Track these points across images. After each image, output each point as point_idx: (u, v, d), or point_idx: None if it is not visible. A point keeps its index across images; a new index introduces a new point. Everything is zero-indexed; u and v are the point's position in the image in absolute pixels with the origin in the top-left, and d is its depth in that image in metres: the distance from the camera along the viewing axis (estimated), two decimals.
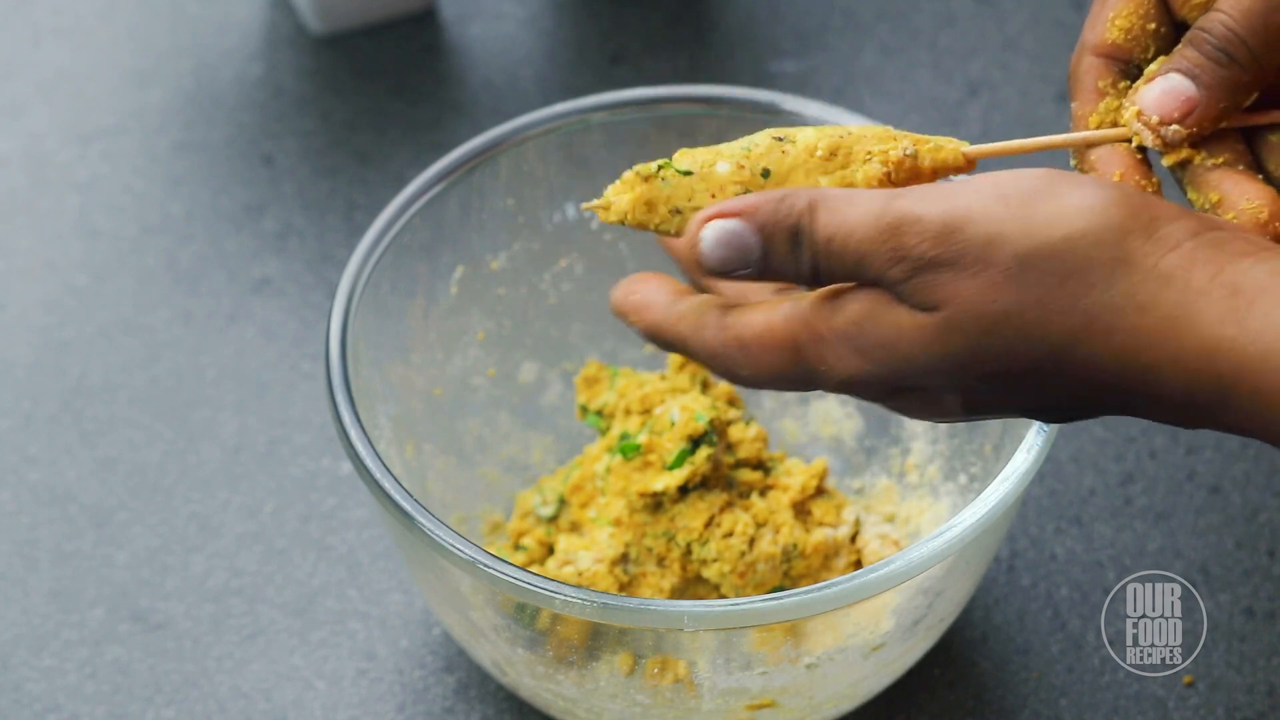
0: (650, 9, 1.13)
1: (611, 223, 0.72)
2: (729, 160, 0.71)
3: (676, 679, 0.81)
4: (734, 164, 0.71)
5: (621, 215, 0.71)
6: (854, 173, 0.71)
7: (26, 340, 1.01)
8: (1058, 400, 0.66)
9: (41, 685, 0.89)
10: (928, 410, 0.68)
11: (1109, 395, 0.65)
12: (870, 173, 0.71)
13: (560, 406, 0.94)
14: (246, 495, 0.95)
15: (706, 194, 0.71)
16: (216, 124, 1.09)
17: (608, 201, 0.72)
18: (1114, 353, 0.64)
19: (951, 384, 0.66)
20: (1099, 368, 0.64)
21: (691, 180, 0.71)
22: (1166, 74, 0.70)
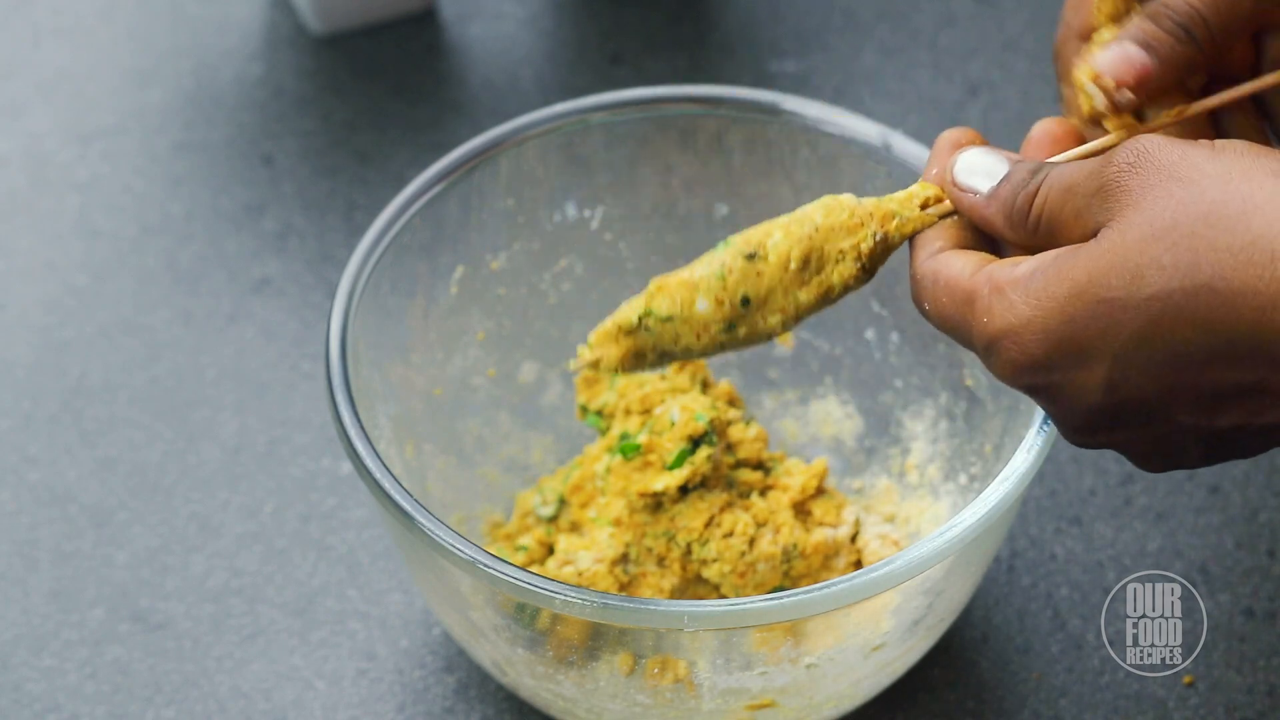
0: (650, 9, 1.13)
1: (601, 376, 0.74)
2: (707, 297, 0.73)
3: (676, 679, 0.81)
4: (712, 300, 0.73)
5: (611, 369, 0.74)
6: (829, 277, 0.72)
7: (26, 340, 1.01)
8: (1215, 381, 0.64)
9: (41, 685, 0.89)
10: (1066, 391, 0.66)
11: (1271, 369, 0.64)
12: (845, 271, 0.73)
13: (560, 406, 0.94)
14: (246, 495, 0.95)
15: (691, 334, 0.73)
16: (216, 124, 1.09)
17: (595, 358, 0.74)
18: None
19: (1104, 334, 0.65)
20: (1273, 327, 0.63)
21: (674, 325, 0.73)
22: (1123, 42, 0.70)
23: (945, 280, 0.69)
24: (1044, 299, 0.66)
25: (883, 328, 0.92)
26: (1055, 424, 0.69)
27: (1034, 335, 0.66)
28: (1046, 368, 0.66)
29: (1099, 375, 0.66)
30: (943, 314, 0.69)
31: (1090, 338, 0.65)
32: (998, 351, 0.67)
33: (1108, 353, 0.65)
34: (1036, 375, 0.67)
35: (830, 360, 0.94)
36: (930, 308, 0.70)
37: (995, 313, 0.67)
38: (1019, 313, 0.66)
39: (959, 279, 0.69)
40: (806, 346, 0.94)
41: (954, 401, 0.90)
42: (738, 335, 0.73)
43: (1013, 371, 0.67)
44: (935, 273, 0.70)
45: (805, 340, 0.94)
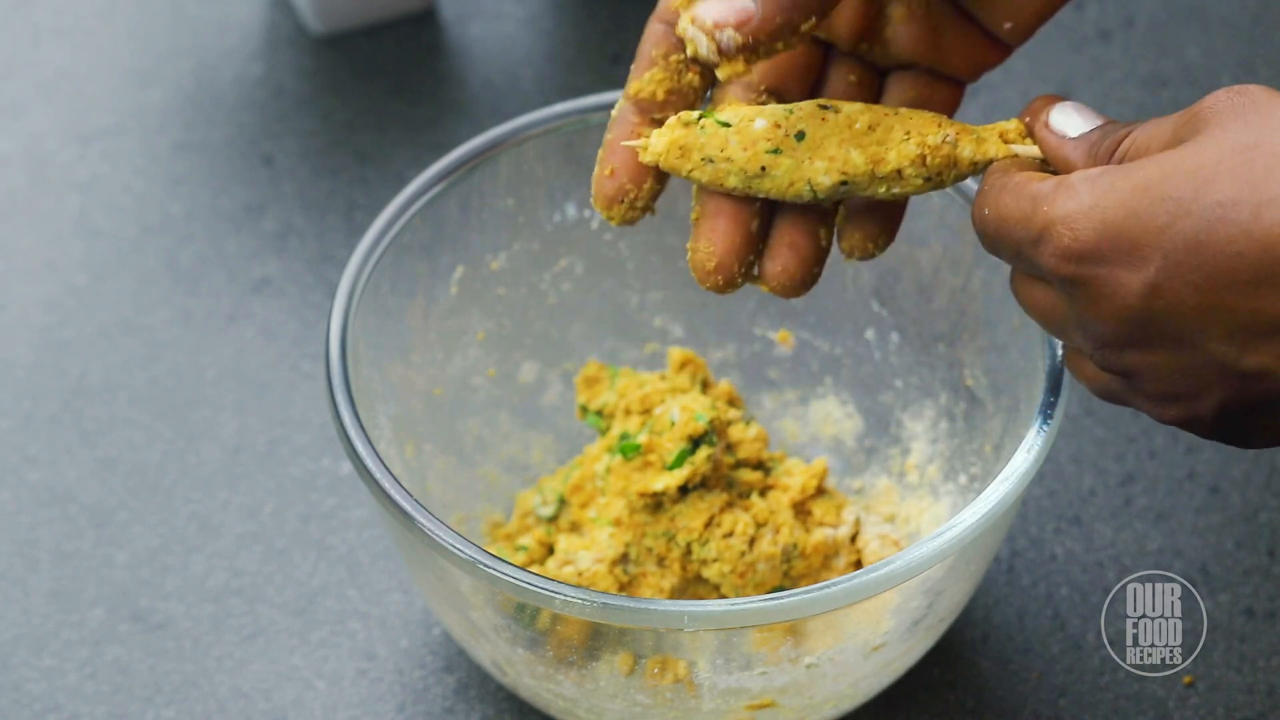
0: (650, 9, 1.12)
1: (646, 162, 0.73)
2: (768, 119, 0.72)
3: (676, 679, 0.81)
4: (771, 123, 0.72)
5: (657, 156, 0.73)
6: (888, 150, 0.71)
7: (26, 340, 1.01)
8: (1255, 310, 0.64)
9: (41, 685, 0.89)
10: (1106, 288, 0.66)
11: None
12: (905, 152, 0.72)
13: (560, 406, 0.94)
14: (246, 495, 0.95)
15: (739, 148, 0.72)
16: (216, 124, 1.09)
17: (646, 142, 0.72)
18: None
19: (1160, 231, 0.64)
20: None
21: (727, 133, 0.72)
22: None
23: (1015, 184, 0.68)
24: (1109, 190, 0.65)
25: (883, 328, 0.92)
26: (1082, 335, 0.68)
27: (1090, 222, 0.65)
28: (1094, 258, 0.66)
29: (1144, 275, 0.65)
30: (1002, 214, 0.68)
31: (1146, 232, 0.64)
32: (1050, 237, 0.66)
33: (1159, 251, 0.64)
34: (1083, 265, 0.66)
35: (830, 360, 0.94)
36: (991, 212, 0.69)
37: (1057, 201, 0.66)
38: (1080, 200, 0.66)
39: (1029, 183, 0.68)
40: (806, 346, 0.94)
41: (954, 401, 0.90)
42: (780, 166, 0.72)
43: (1060, 257, 0.66)
44: (1004, 181, 0.69)
45: (805, 340, 0.94)
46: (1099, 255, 0.65)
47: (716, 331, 0.95)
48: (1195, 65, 1.10)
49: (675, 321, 0.95)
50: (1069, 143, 0.70)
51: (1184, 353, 0.66)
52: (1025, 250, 0.68)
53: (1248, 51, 1.11)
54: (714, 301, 0.94)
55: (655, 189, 0.75)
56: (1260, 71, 1.10)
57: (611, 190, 0.74)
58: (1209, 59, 1.10)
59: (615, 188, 0.74)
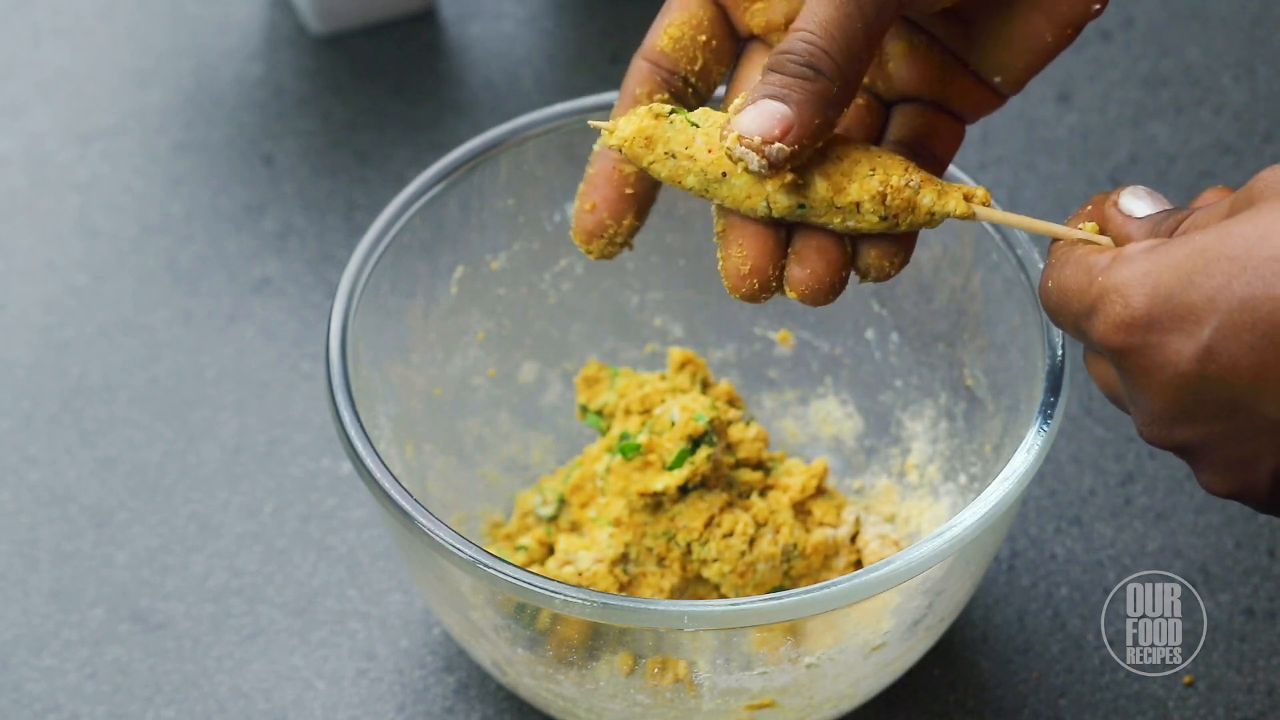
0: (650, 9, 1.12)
1: (610, 145, 0.73)
2: None
3: (676, 679, 0.81)
4: None
5: (622, 141, 0.72)
6: (851, 181, 0.71)
7: (26, 340, 1.01)
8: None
9: (41, 685, 0.89)
10: (1158, 357, 0.65)
11: None
12: (867, 187, 0.71)
13: (560, 406, 0.94)
14: (246, 495, 0.95)
15: (704, 149, 0.72)
16: (216, 124, 1.09)
17: (614, 125, 0.72)
18: None
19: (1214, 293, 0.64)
20: None
21: (695, 132, 0.72)
22: (756, 101, 0.69)
23: (1076, 256, 0.69)
24: (1163, 255, 0.65)
25: (883, 328, 0.92)
26: (1134, 409, 0.68)
27: (1143, 289, 0.65)
28: (1145, 325, 0.65)
29: (1198, 340, 0.64)
30: (1063, 286, 0.68)
31: (1199, 296, 0.64)
32: (1103, 308, 0.66)
33: (1213, 313, 0.64)
34: (1134, 334, 0.66)
35: (830, 360, 0.94)
36: (1053, 284, 0.69)
37: (1111, 271, 0.66)
38: (1134, 267, 0.66)
39: (1092, 260, 0.68)
40: (806, 346, 0.94)
41: (954, 401, 0.90)
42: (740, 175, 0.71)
43: (1112, 328, 0.66)
44: (1068, 252, 0.70)
45: (805, 340, 0.94)
46: (1150, 323, 0.65)
47: (716, 331, 0.95)
48: (1195, 65, 1.10)
49: (675, 321, 0.95)
50: (1133, 222, 0.70)
51: (1238, 419, 0.66)
52: (1081, 324, 0.68)
53: (1248, 51, 1.11)
54: (714, 301, 0.94)
55: (634, 225, 0.75)
56: (1260, 71, 1.10)
57: (591, 225, 0.75)
58: (1209, 59, 1.10)
59: (595, 222, 0.75)
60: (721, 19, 0.74)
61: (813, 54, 0.69)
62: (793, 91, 0.69)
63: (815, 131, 0.69)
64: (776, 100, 0.69)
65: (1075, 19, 0.73)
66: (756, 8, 0.74)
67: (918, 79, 0.74)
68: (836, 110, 0.70)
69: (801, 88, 0.69)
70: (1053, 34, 0.73)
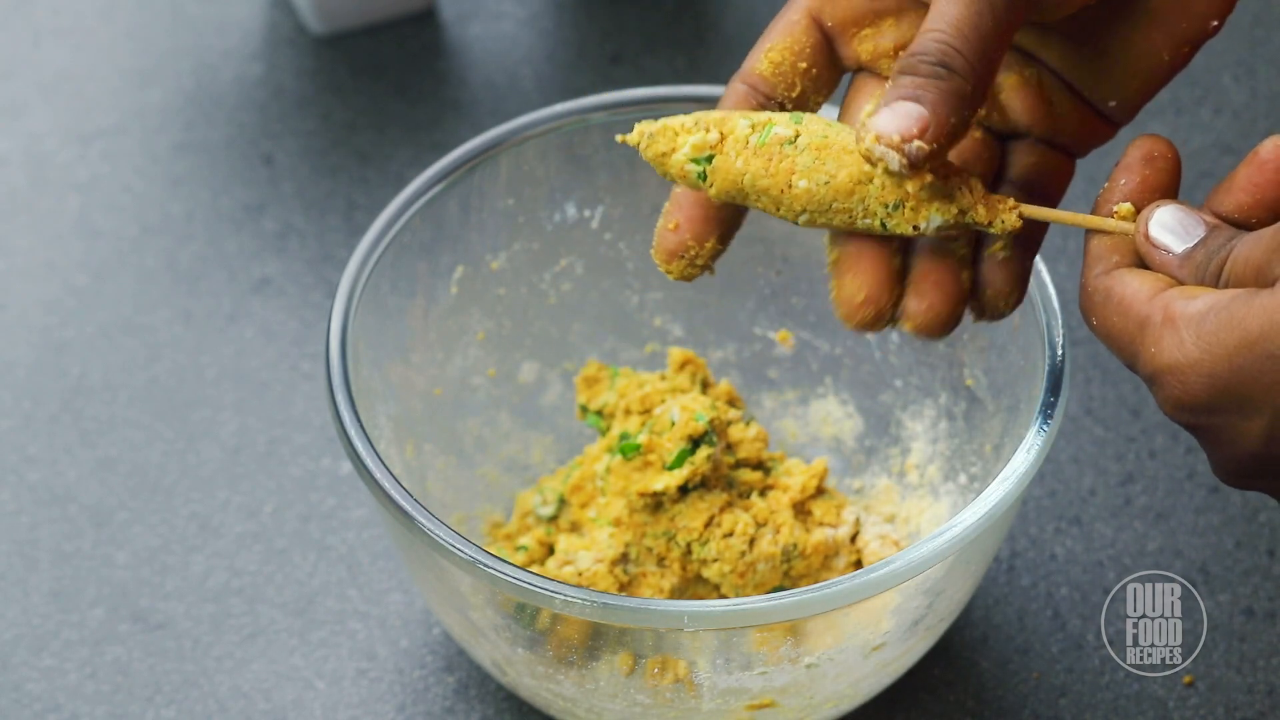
0: (650, 9, 1.13)
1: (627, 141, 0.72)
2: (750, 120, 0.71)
3: (676, 679, 0.81)
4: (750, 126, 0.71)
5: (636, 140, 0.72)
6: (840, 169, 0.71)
7: (26, 340, 1.01)
8: None
9: (41, 685, 0.89)
10: (1225, 435, 0.67)
11: None
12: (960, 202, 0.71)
13: (560, 406, 0.94)
14: (246, 495, 0.95)
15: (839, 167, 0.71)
16: (216, 124, 1.09)
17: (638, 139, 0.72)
18: None
19: (1269, 388, 0.65)
20: None
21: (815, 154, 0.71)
22: (890, 103, 0.69)
23: (1119, 299, 0.69)
24: (1214, 344, 0.65)
25: None
26: (1210, 462, 0.69)
27: (1199, 378, 0.66)
28: (1208, 410, 0.66)
29: (1260, 425, 0.66)
30: (1111, 333, 0.69)
31: (1255, 390, 0.65)
32: (1161, 385, 0.67)
33: (1269, 406, 0.65)
34: (1197, 415, 0.67)
35: (830, 360, 0.94)
36: (1098, 324, 0.69)
37: (1164, 346, 0.67)
38: (1187, 352, 0.66)
39: (1134, 301, 0.68)
40: (806, 346, 0.94)
41: (954, 401, 0.90)
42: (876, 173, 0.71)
43: (1174, 408, 0.67)
44: (1109, 290, 0.69)
45: (805, 340, 0.94)
46: (1211, 408, 0.66)
47: (716, 331, 0.95)
48: (1195, 65, 1.10)
49: (675, 321, 0.95)
50: (1174, 261, 0.69)
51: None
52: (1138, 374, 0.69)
53: (1248, 51, 1.11)
54: (714, 301, 0.94)
55: (717, 249, 0.74)
56: (1260, 72, 1.10)
57: (673, 244, 0.74)
58: (1209, 59, 1.10)
59: (677, 242, 0.73)
60: (824, 47, 0.73)
61: (945, 52, 0.68)
62: (927, 91, 0.68)
63: (951, 131, 0.68)
64: (911, 101, 0.68)
65: (1193, 37, 0.72)
66: (865, 34, 0.73)
67: (1030, 112, 0.73)
68: (971, 109, 0.69)
69: (936, 87, 0.68)
70: (1170, 53, 0.72)
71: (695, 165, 0.71)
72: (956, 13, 0.68)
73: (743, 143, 0.71)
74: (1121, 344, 0.69)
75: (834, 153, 0.70)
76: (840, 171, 0.70)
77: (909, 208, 0.70)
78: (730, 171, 0.71)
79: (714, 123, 0.71)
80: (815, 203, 0.70)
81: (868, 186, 0.70)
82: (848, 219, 0.71)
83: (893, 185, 0.70)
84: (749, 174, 0.71)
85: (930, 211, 0.70)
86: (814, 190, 0.70)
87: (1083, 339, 0.99)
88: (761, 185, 0.71)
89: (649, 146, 0.72)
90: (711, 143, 0.71)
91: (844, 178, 0.70)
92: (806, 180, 0.70)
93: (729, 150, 0.71)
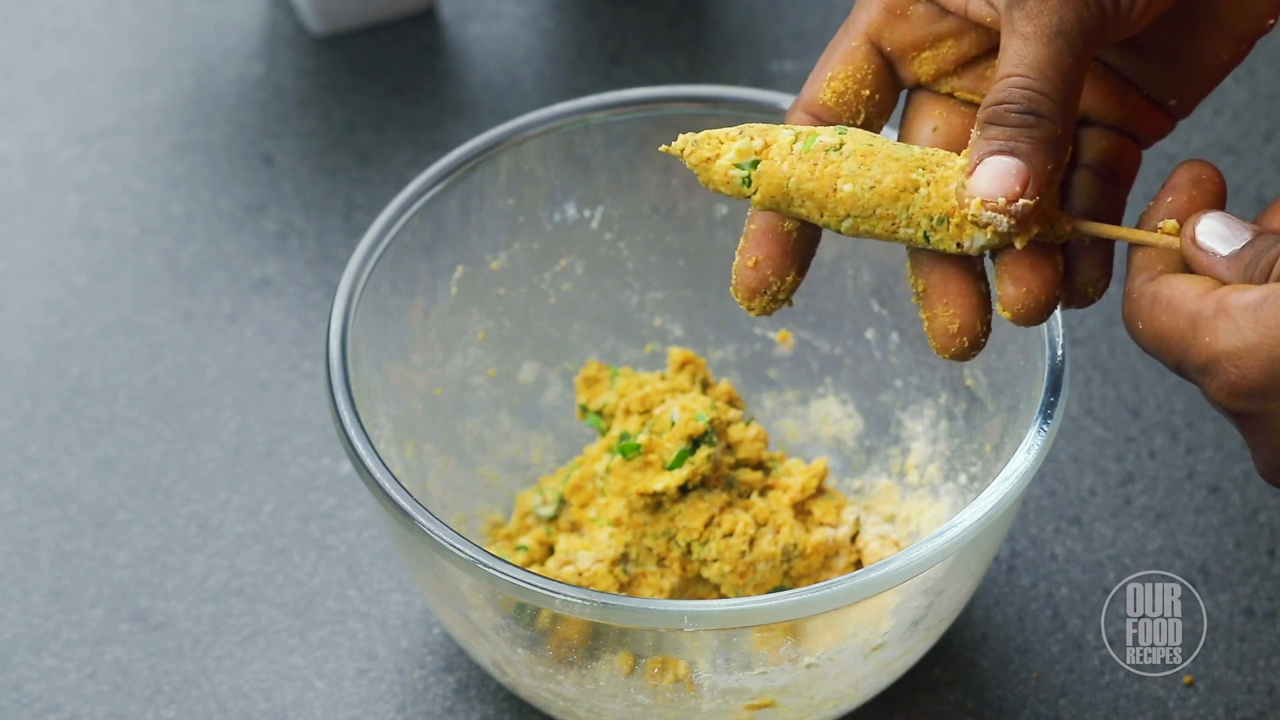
0: (650, 9, 1.12)
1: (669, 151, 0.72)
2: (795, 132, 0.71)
3: (676, 679, 0.81)
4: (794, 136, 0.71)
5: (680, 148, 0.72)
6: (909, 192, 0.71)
7: (26, 340, 1.01)
8: None
9: (41, 685, 0.89)
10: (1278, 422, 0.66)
11: None
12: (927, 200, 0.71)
13: (560, 406, 0.94)
14: (246, 495, 0.95)
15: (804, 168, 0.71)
16: (216, 124, 1.09)
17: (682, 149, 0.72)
18: None
19: None
20: None
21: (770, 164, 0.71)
22: (983, 158, 0.68)
23: (1167, 300, 0.68)
24: (1272, 326, 0.65)
25: (883, 328, 0.92)
26: (1255, 456, 0.69)
27: (1257, 361, 0.65)
28: (1264, 394, 0.66)
29: None
30: (1160, 333, 0.68)
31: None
32: (1216, 373, 0.66)
33: None
34: (1252, 401, 0.66)
35: (830, 360, 0.94)
36: (1145, 326, 0.69)
37: (1219, 334, 0.66)
38: (1244, 337, 0.66)
39: (1183, 300, 0.68)
40: (806, 346, 0.94)
41: (954, 401, 0.90)
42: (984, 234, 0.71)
43: (1228, 395, 0.67)
44: (1156, 293, 0.69)
45: (805, 340, 0.94)
46: (1267, 392, 0.66)
47: (716, 331, 0.95)
48: None
49: (675, 321, 0.95)
50: (1221, 261, 0.69)
51: None
52: (1187, 372, 0.68)
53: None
54: (713, 301, 0.94)
55: (797, 281, 0.73)
56: (1260, 72, 1.10)
57: (754, 282, 0.73)
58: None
59: (759, 279, 0.73)
60: (886, 71, 0.73)
61: (1031, 99, 0.67)
62: (1020, 143, 0.68)
63: (1050, 178, 0.68)
64: (1006, 155, 0.68)
65: (1250, 34, 0.72)
66: (924, 56, 0.73)
67: (1100, 103, 0.73)
68: (1063, 151, 0.68)
69: (1028, 136, 0.68)
70: (1228, 52, 0.72)
71: (739, 170, 0.71)
72: (1036, 54, 0.68)
73: (787, 149, 0.71)
74: (1171, 343, 0.68)
75: (879, 159, 0.70)
76: (886, 177, 0.70)
77: (954, 224, 0.70)
78: (775, 176, 0.71)
79: (758, 132, 0.71)
80: (860, 207, 0.70)
81: (913, 195, 0.70)
82: (890, 226, 0.71)
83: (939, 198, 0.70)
84: (794, 178, 0.71)
85: (975, 231, 0.70)
86: (859, 194, 0.70)
87: (1083, 339, 0.99)
88: (806, 189, 0.71)
89: (692, 153, 0.72)
90: (756, 149, 0.71)
91: (889, 184, 0.70)
92: (851, 184, 0.70)
93: (774, 155, 0.71)
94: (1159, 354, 0.69)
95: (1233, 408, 0.67)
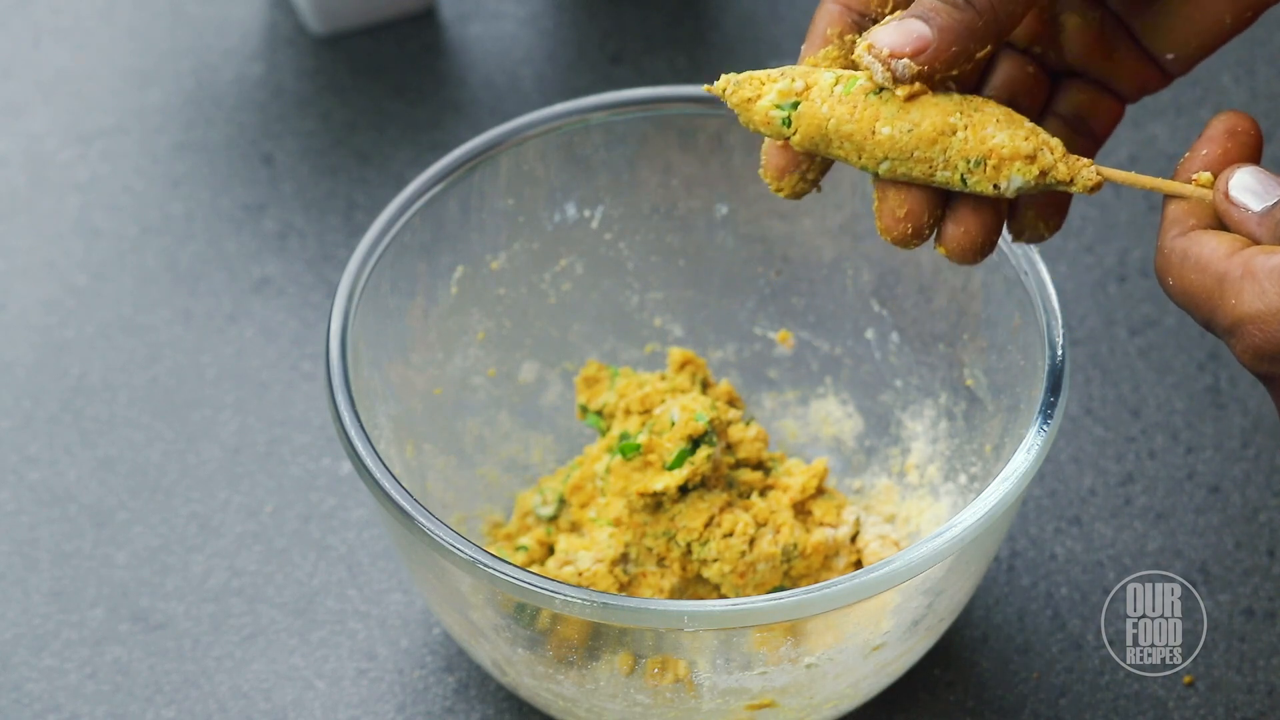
0: (650, 9, 1.13)
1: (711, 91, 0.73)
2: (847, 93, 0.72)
3: (676, 679, 0.81)
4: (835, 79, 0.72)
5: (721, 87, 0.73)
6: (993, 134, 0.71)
7: (26, 340, 1.01)
8: None
9: (41, 685, 0.89)
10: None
11: None
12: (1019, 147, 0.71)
13: (560, 406, 0.94)
14: (246, 495, 0.95)
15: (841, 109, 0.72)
16: (216, 124, 1.09)
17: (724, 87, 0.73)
18: None
19: None
20: None
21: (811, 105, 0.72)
22: (902, 17, 0.70)
23: (1196, 258, 0.69)
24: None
25: (883, 328, 0.92)
26: None
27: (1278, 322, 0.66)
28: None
29: None
30: (1188, 290, 0.69)
31: None
32: (1242, 335, 0.67)
33: None
34: (1276, 364, 0.67)
35: (830, 360, 0.94)
36: (1175, 283, 0.70)
37: (1245, 297, 0.67)
38: (1269, 300, 0.66)
39: (1212, 258, 0.68)
40: (806, 346, 0.94)
41: (954, 401, 0.90)
42: None
43: (1255, 357, 0.67)
44: (1185, 250, 0.69)
45: (805, 340, 0.94)
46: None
47: (716, 331, 0.95)
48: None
49: (675, 321, 0.95)
50: (1253, 218, 0.70)
51: None
52: (1216, 331, 0.69)
53: (1247, 52, 1.11)
54: (714, 301, 0.94)
55: (826, 162, 0.74)
56: (1260, 72, 1.10)
57: (784, 160, 0.74)
58: (1209, 59, 1.10)
59: (788, 156, 0.74)
60: None
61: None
62: (937, 16, 0.70)
63: (949, 59, 0.70)
64: (920, 20, 0.70)
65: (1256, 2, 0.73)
66: None
67: (1086, 53, 0.75)
68: (978, 45, 0.70)
69: (948, 14, 0.70)
70: (1232, 16, 0.73)
71: (779, 111, 0.72)
72: None
73: (827, 91, 0.73)
74: (1199, 301, 0.69)
75: (918, 104, 0.72)
76: (924, 121, 0.72)
77: (990, 165, 0.71)
78: (815, 117, 0.72)
79: (799, 74, 0.73)
80: (898, 150, 0.72)
81: (950, 138, 0.72)
82: (928, 169, 0.72)
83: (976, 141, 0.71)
84: (833, 120, 0.72)
85: (1012, 171, 0.71)
86: (897, 137, 0.72)
87: (1082, 339, 0.99)
88: (845, 131, 0.72)
89: (734, 93, 0.73)
90: (797, 90, 0.73)
91: (928, 127, 0.71)
92: (890, 127, 0.72)
93: (814, 97, 0.72)
94: (1188, 310, 0.70)
95: (1258, 370, 0.68)
